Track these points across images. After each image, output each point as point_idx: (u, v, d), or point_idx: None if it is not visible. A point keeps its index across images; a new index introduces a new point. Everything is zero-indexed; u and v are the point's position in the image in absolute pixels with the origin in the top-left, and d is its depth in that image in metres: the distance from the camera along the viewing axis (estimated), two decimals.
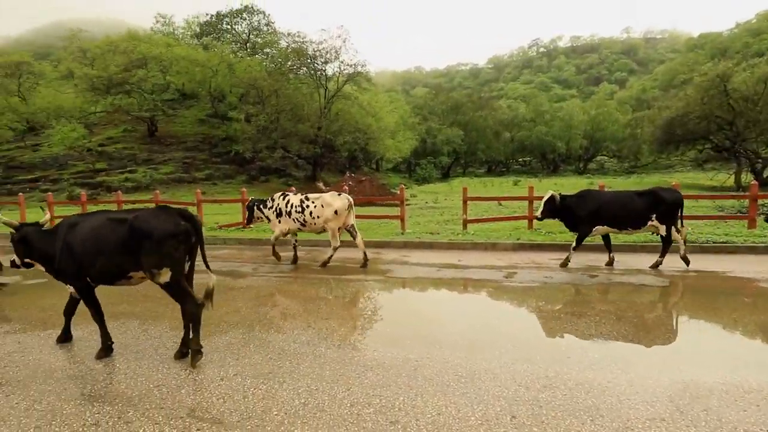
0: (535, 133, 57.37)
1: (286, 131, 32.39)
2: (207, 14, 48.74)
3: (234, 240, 11.50)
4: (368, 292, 6.51)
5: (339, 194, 8.27)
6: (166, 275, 3.98)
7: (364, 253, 8.14)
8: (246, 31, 47.55)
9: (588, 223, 7.30)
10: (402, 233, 11.00)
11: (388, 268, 8.04)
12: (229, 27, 47.59)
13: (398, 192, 12.31)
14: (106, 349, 4.30)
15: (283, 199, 8.50)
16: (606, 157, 64.67)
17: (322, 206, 8.05)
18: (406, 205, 12.45)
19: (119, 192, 16.33)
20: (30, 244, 4.42)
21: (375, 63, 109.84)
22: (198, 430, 2.97)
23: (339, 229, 8.08)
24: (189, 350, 4.11)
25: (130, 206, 15.92)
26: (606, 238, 7.71)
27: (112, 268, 4.10)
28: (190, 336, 4.08)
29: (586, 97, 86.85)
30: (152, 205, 14.69)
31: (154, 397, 3.44)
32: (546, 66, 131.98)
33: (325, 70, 35.45)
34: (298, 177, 35.42)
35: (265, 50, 45.44)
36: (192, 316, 4.04)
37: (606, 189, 9.49)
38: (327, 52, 34.22)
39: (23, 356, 4.35)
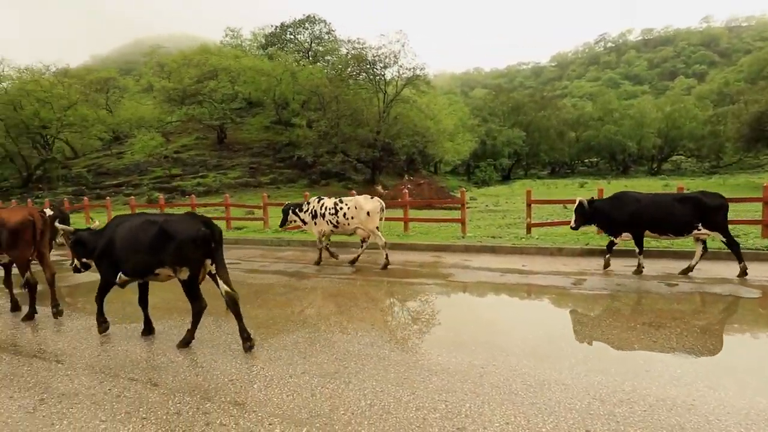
0: (603, 132, 54.55)
1: (346, 136, 33.06)
2: (272, 26, 50.96)
3: (297, 242, 11.88)
4: (430, 296, 6.48)
5: (371, 197, 8.64)
6: (185, 273, 4.50)
7: (359, 256, 8.79)
8: (308, 40, 49.15)
9: (631, 225, 7.08)
10: (463, 237, 10.85)
11: (449, 272, 7.96)
12: (292, 37, 49.42)
13: (458, 195, 12.16)
14: (104, 328, 5.17)
15: (318, 202, 8.91)
16: (683, 157, 60.27)
17: (356, 208, 8.40)
18: (467, 208, 12.26)
19: (193, 196, 17.41)
20: (84, 245, 5.08)
21: (433, 65, 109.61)
22: (270, 424, 3.09)
23: (378, 228, 8.44)
24: (251, 341, 4.52)
25: (201, 209, 16.94)
26: (614, 243, 7.46)
27: (143, 264, 4.63)
28: (189, 328, 4.68)
29: (659, 93, 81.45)
30: (222, 208, 15.45)
31: (228, 390, 3.62)
32: (614, 62, 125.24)
33: (384, 75, 35.79)
34: (357, 180, 35.99)
35: (326, 58, 46.73)
36: (197, 315, 4.61)
37: (684, 191, 8.82)
38: (386, 57, 34.54)
39: (113, 346, 4.74)
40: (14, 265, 6.13)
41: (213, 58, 38.71)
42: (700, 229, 6.83)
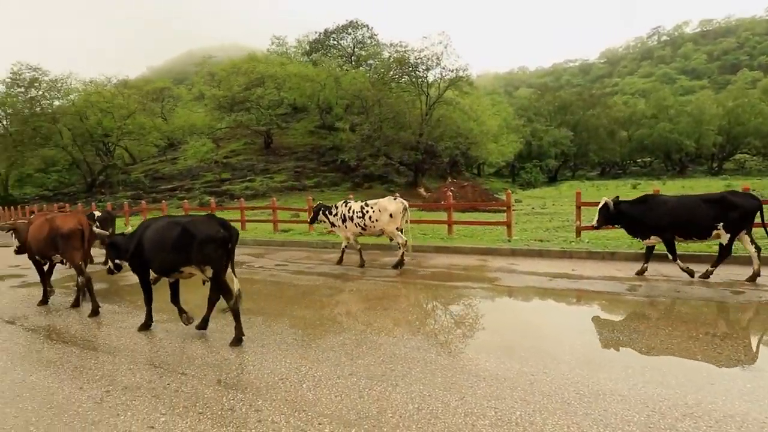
0: (657, 130, 51.82)
1: (388, 139, 33.21)
2: (316, 32, 51.99)
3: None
4: (476, 300, 6.38)
5: (394, 199, 8.90)
6: (209, 271, 4.91)
7: (402, 255, 8.79)
8: (351, 45, 49.79)
9: (657, 229, 6.89)
10: (509, 240, 10.62)
11: (495, 276, 7.82)
12: (335, 42, 50.22)
13: (503, 197, 11.92)
14: (146, 325, 5.51)
15: (346, 206, 9.31)
16: (747, 155, 56.30)
17: (380, 211, 8.75)
18: (512, 210, 11.99)
19: (242, 200, 18.01)
20: (117, 248, 5.57)
21: (476, 66, 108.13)
22: (320, 424, 3.15)
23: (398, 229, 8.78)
24: (205, 326, 5.24)
25: (250, 213, 17.48)
26: (652, 248, 7.26)
27: (169, 262, 5.04)
28: (235, 325, 4.93)
29: (720, 87, 76.57)
30: (269, 211, 15.92)
31: (279, 389, 3.72)
32: (669, 56, 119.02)
33: (426, 77, 35.69)
34: (399, 183, 36.04)
35: (368, 62, 47.12)
36: (234, 311, 4.90)
37: (750, 191, 8.24)
38: (428, 59, 34.40)
39: (170, 343, 4.97)
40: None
41: (260, 65, 39.98)
42: (718, 229, 6.55)
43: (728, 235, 6.56)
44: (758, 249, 6.68)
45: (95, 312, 6.27)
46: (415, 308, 6.09)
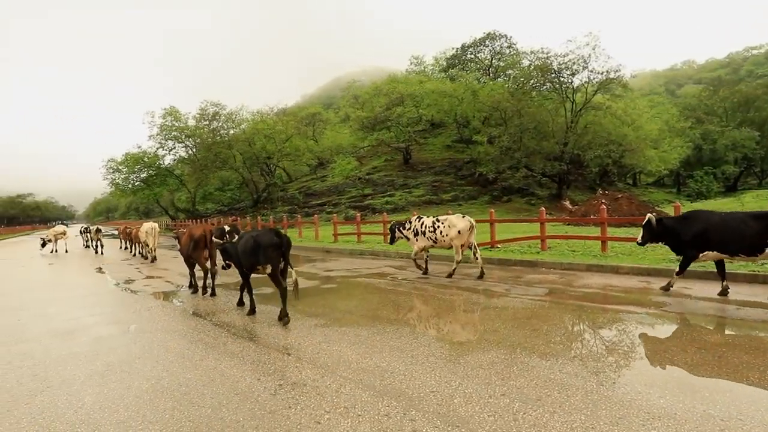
0: None
1: (529, 150, 31.88)
2: (453, 48, 52.68)
3: (483, 259, 11.80)
4: (641, 327, 5.70)
5: (463, 216, 9.70)
6: (268, 269, 6.61)
7: (481, 269, 9.65)
8: (489, 57, 49.32)
9: (693, 247, 6.80)
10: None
11: (662, 300, 6.89)
12: (472, 56, 50.27)
13: (669, 210, 10.48)
14: (251, 311, 7.19)
15: (419, 221, 10.21)
16: None
17: (449, 226, 9.60)
18: None
19: (385, 213, 18.91)
20: (227, 252, 7.29)
21: (630, 64, 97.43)
22: None
23: (462, 246, 9.60)
24: (287, 319, 6.48)
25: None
26: (719, 264, 6.94)
27: (250, 263, 6.78)
28: (281, 307, 6.56)
29: None
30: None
31: (430, 401, 3.78)
32: None
33: (571, 83, 33.49)
34: (541, 196, 34.19)
35: (507, 72, 46.13)
36: (282, 296, 6.52)
37: None
38: (573, 63, 32.29)
39: (329, 346, 5.40)
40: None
41: (399, 85, 41.94)
42: None
43: None
44: None
45: (213, 293, 8.87)
46: (569, 331, 5.67)
